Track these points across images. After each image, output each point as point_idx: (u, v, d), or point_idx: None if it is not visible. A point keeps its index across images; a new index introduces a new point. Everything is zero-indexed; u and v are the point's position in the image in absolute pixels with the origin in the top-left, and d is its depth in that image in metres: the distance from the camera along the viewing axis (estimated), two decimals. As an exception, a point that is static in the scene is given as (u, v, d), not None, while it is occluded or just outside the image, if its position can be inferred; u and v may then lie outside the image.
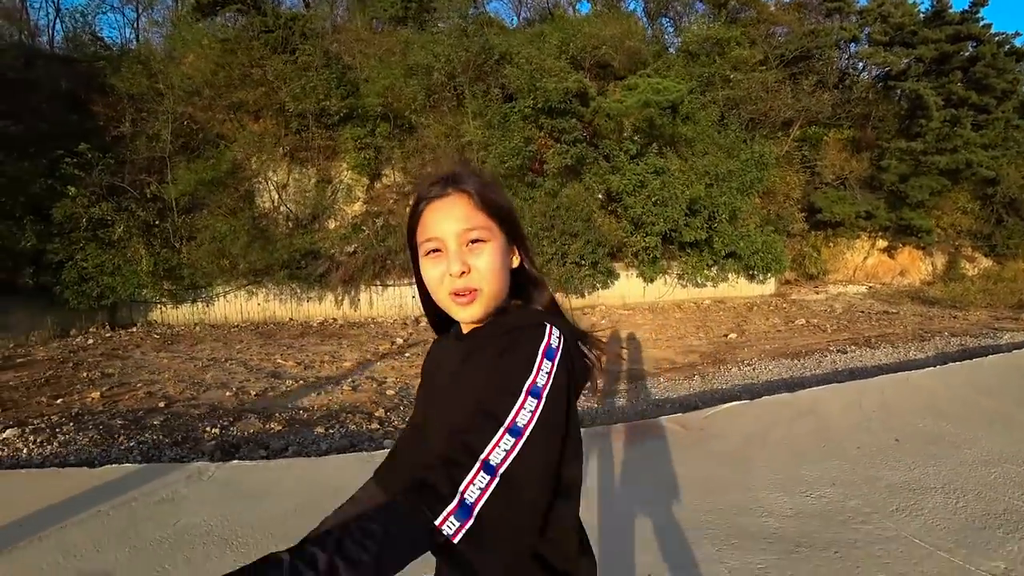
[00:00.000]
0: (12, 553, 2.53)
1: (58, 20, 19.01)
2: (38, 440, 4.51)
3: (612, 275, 12.13)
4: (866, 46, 16.22)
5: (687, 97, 12.47)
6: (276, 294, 11.84)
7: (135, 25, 20.10)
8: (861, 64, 17.42)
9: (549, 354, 0.73)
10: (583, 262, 11.44)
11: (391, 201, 13.01)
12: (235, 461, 3.39)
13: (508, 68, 12.36)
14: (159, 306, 11.70)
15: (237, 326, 11.21)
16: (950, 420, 4.25)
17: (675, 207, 11.36)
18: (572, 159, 11.58)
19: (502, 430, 0.66)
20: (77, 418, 5.14)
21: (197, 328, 11.04)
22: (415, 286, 0.93)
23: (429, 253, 0.82)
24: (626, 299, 12.30)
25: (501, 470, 0.64)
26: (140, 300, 11.44)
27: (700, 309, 11.31)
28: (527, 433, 0.67)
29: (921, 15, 16.19)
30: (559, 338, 0.76)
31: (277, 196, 13.03)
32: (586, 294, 11.95)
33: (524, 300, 0.89)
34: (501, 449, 0.65)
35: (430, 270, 0.82)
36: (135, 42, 18.52)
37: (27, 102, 13.13)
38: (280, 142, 12.96)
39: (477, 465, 0.64)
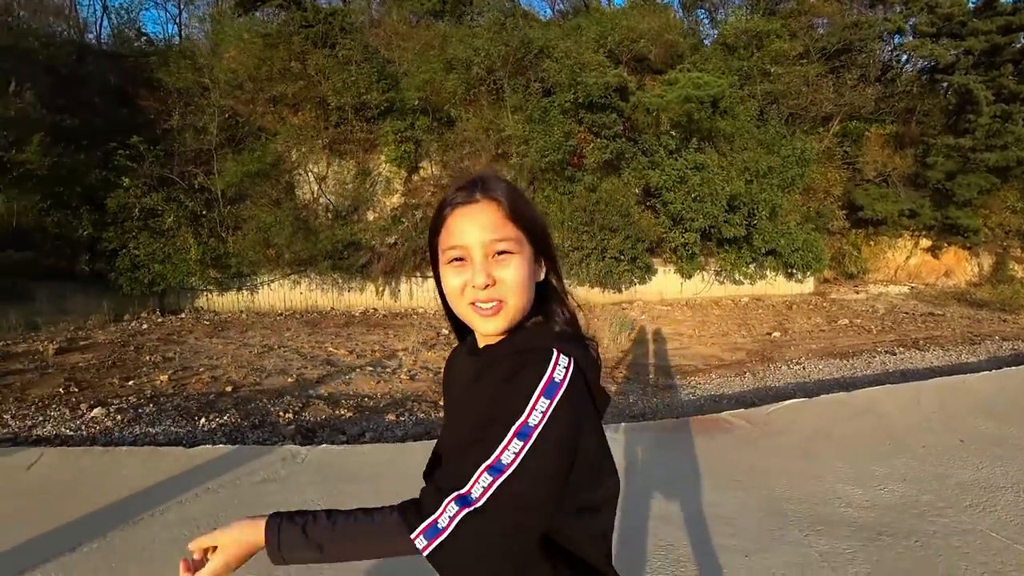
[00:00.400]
0: (138, 525, 2.74)
1: (105, 17, 19.57)
2: (124, 420, 4.79)
3: (650, 270, 12.16)
4: (911, 38, 15.81)
5: (728, 91, 12.38)
6: (319, 284, 12.16)
7: (177, 20, 20.63)
8: (906, 57, 17.00)
9: (549, 391, 0.71)
10: (622, 257, 11.49)
11: (429, 194, 13.20)
12: (324, 446, 3.59)
13: (547, 62, 12.41)
14: (206, 293, 12.11)
15: (282, 314, 11.55)
16: (1012, 423, 4.25)
17: (715, 203, 11.32)
18: (612, 154, 11.61)
19: (484, 466, 0.69)
20: (153, 400, 5.42)
21: (244, 315, 11.40)
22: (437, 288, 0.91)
23: (452, 261, 0.80)
24: (663, 295, 12.31)
25: (478, 504, 0.68)
26: (188, 287, 11.87)
27: (739, 307, 11.27)
28: (508, 472, 0.68)
29: (971, 5, 15.71)
30: (566, 368, 0.73)
31: (317, 188, 13.31)
32: (623, 289, 12.00)
33: (545, 316, 0.85)
34: (479, 485, 0.69)
35: (452, 279, 0.80)
36: (178, 37, 19.04)
37: (79, 97, 13.62)
38: (320, 135, 13.21)
39: (453, 495, 0.69)
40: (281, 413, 4.70)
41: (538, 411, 0.70)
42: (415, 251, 11.74)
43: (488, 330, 0.80)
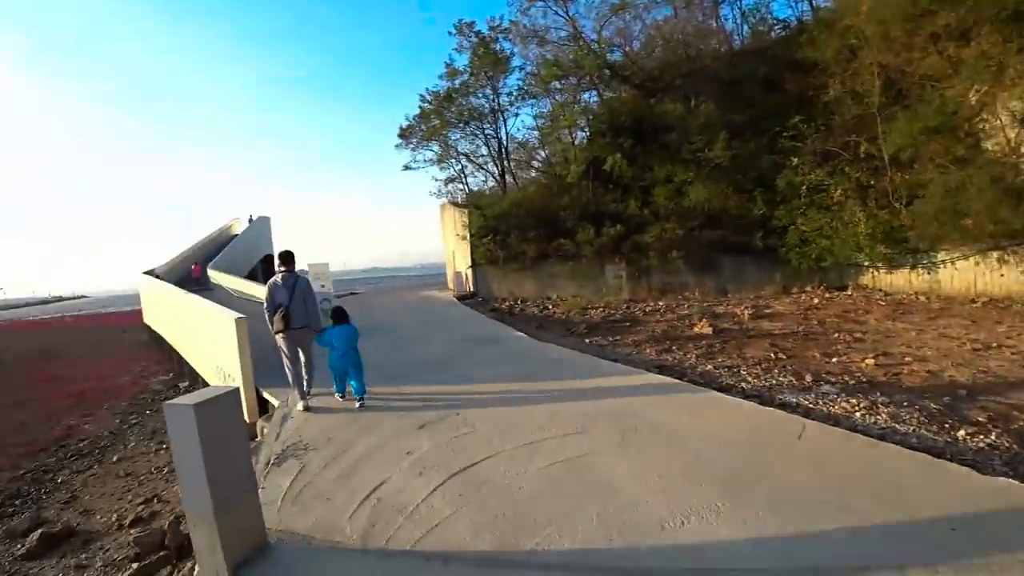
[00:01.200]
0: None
1: (744, 22, 21.56)
2: (859, 404, 4.99)
3: None
4: None
5: None
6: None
7: (804, -8, 20.37)
8: None
9: None
10: None
11: None
12: None
13: None
14: (871, 270, 11.73)
15: (975, 301, 9.82)
16: None
17: None
18: None
19: None
20: (872, 385, 5.44)
21: (923, 298, 10.35)
22: None
23: None
24: None
25: None
26: (852, 263, 11.80)
27: None
28: None
29: None
30: None
31: (1013, 135, 10.37)
32: None
33: None
34: None
35: None
36: (811, 10, 18.76)
37: (738, 96, 15.78)
38: (1010, 60, 10.10)
39: None
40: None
41: None
42: None
43: None
